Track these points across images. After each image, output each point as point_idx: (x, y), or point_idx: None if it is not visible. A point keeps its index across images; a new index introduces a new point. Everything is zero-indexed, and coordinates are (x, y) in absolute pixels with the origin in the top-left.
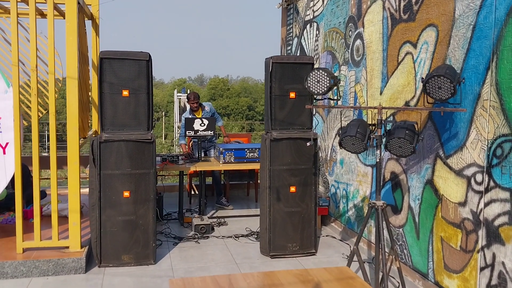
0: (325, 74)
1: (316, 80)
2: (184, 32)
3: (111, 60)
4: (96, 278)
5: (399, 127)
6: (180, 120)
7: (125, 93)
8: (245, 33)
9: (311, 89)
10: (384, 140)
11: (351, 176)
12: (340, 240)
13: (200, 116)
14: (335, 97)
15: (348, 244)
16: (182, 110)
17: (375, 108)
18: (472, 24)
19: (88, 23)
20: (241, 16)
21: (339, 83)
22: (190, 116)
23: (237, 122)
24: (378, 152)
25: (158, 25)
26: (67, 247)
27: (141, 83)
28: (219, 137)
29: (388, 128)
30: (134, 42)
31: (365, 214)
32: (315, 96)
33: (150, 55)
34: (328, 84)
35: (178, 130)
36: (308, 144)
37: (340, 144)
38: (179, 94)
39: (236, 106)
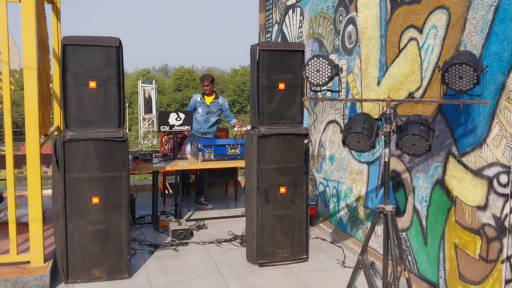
0: (326, 62)
1: (315, 70)
2: (147, 20)
3: (75, 47)
4: None
5: (412, 122)
6: (146, 112)
7: (92, 84)
8: (211, 22)
9: (310, 79)
10: (394, 137)
11: (342, 174)
12: (331, 243)
13: (209, 102)
14: (332, 88)
15: (340, 247)
16: (147, 101)
17: (383, 100)
18: (494, 5)
19: (48, 7)
20: (207, 4)
21: (341, 72)
22: (199, 99)
23: None
24: (386, 150)
25: (119, 13)
26: (28, 262)
27: (110, 73)
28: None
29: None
30: (95, 30)
31: (360, 215)
32: (312, 88)
33: (120, 41)
34: (329, 74)
35: (143, 122)
36: (305, 141)
37: (344, 142)
38: (143, 85)
39: None
